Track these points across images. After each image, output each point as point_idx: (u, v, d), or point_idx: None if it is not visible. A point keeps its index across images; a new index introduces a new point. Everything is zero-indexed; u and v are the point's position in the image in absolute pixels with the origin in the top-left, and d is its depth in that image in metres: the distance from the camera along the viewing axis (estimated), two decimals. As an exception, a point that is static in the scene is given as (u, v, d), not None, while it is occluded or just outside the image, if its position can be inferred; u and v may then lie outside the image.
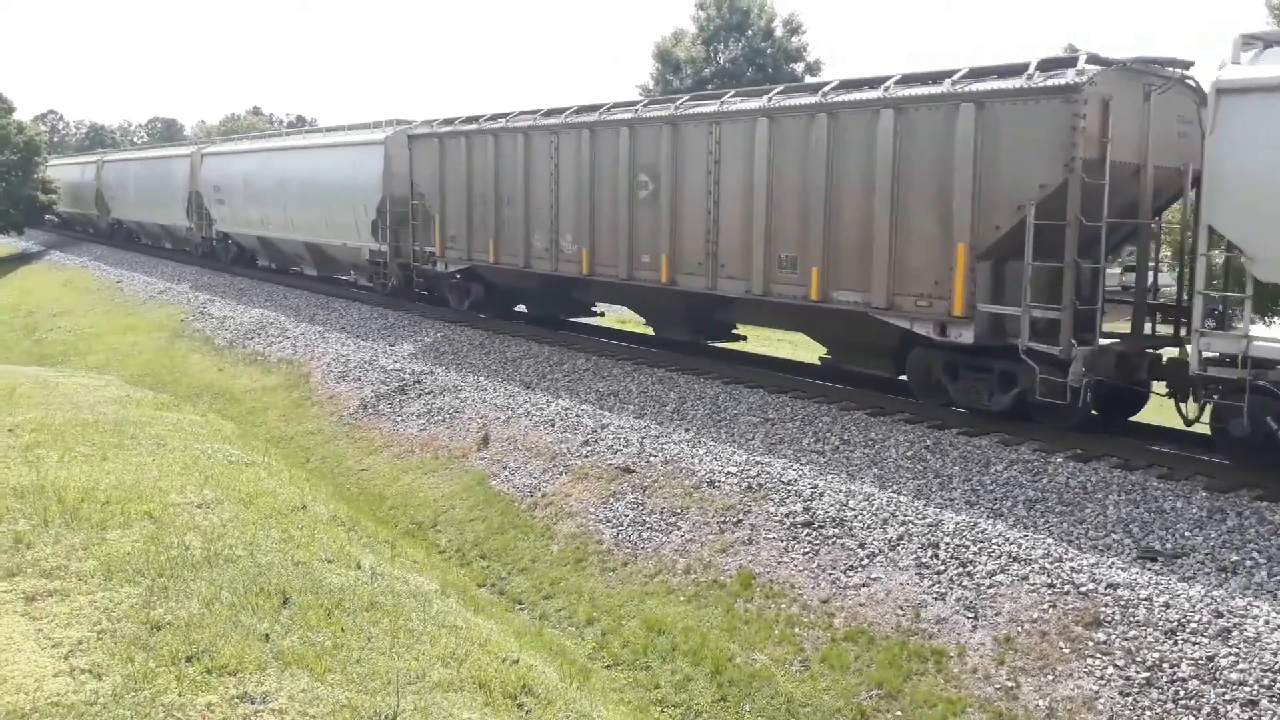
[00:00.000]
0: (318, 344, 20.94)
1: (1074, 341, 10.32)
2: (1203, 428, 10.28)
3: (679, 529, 10.69)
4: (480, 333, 19.83)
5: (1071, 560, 8.31)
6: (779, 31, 44.78)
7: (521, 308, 21.29)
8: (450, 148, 20.03)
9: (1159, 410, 11.62)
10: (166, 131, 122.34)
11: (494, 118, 19.31)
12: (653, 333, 17.96)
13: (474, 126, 19.58)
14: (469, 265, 20.03)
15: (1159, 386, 11.18)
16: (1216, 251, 9.36)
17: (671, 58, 45.02)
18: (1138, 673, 7.01)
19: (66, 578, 5.82)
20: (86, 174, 48.98)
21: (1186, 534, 8.53)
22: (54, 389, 14.85)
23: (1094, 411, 11.30)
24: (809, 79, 40.75)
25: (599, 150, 16.36)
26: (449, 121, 20.88)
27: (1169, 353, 11.21)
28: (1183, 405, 10.45)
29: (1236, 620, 7.16)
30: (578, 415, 14.13)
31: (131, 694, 4.80)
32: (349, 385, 18.21)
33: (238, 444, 12.45)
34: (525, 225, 18.01)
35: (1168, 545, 8.40)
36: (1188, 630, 7.20)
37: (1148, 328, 11.75)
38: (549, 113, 17.98)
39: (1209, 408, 9.77)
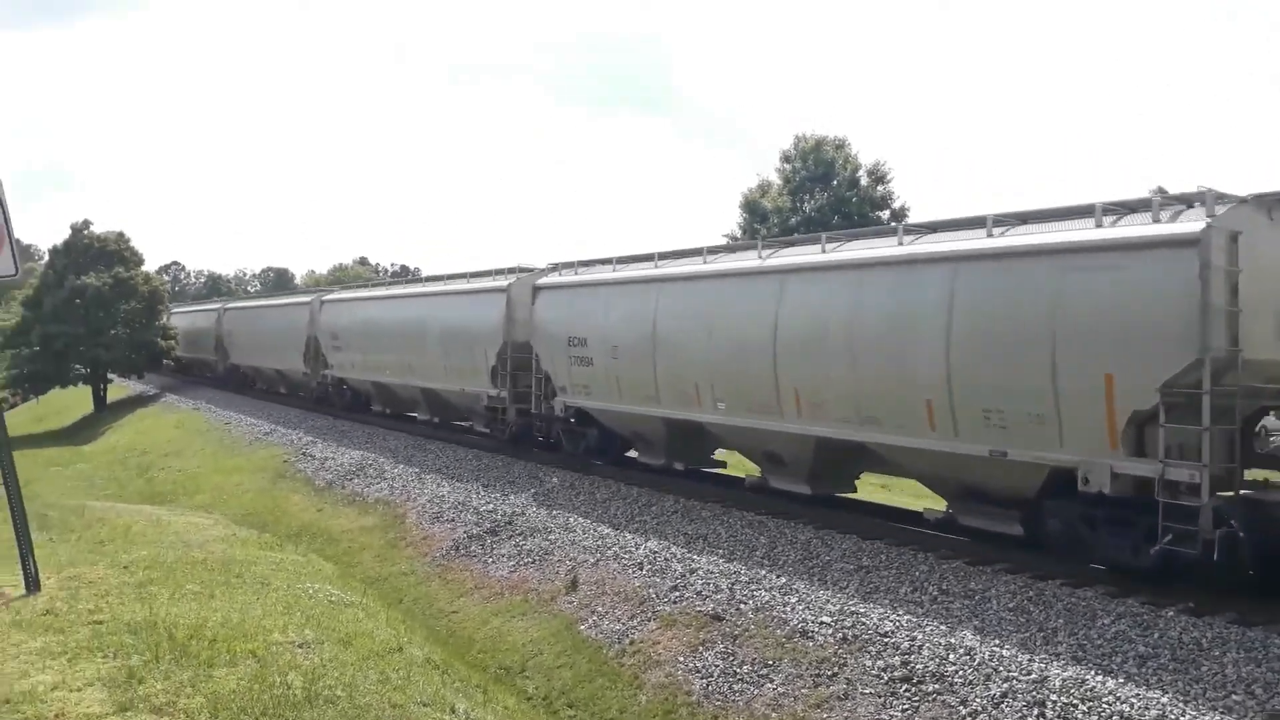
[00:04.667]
0: (414, 485, 21.39)
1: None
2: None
3: (771, 681, 10.44)
4: (571, 474, 20.03)
5: (1190, 723, 7.87)
6: (864, 181, 45.69)
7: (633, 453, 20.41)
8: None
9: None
10: (278, 280, 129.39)
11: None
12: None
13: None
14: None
15: None
16: None
17: (758, 207, 46.16)
18: None
19: (175, 714, 6.00)
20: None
21: (1315, 698, 8.01)
22: (166, 528, 15.46)
23: (1250, 571, 10.53)
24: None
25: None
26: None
27: None
28: None
29: (1377, 795, 6.65)
30: (666, 559, 14.06)
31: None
32: (442, 526, 18.48)
33: (337, 584, 12.71)
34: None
35: (1295, 709, 7.89)
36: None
37: None
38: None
39: None
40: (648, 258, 18.96)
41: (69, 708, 5.97)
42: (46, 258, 58.52)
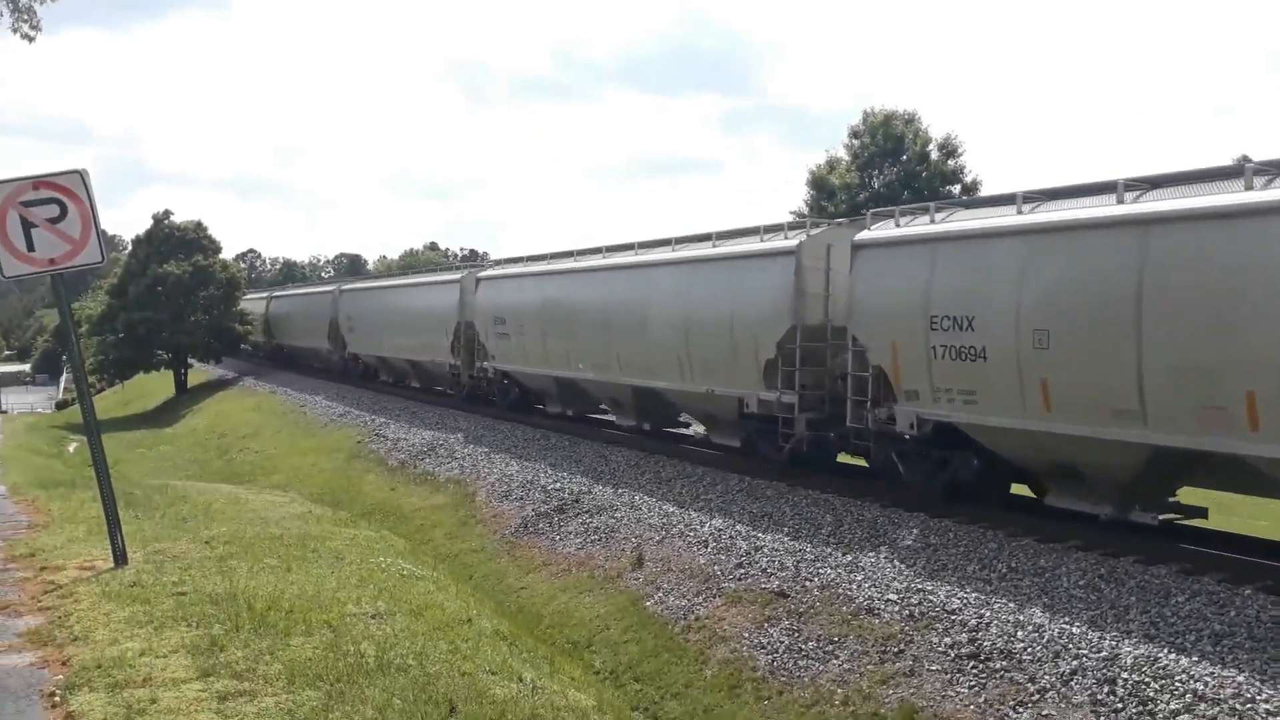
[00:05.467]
0: (483, 464, 21.72)
1: None
2: None
3: (836, 658, 10.45)
4: (636, 453, 20.15)
5: (1267, 702, 7.70)
6: (934, 155, 44.92)
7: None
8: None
9: None
10: (352, 266, 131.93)
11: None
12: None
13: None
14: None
15: None
16: None
17: (826, 184, 45.67)
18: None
19: (255, 680, 6.25)
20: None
21: (1400, 678, 7.76)
22: (244, 505, 15.98)
23: None
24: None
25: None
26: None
27: None
28: None
29: None
30: (731, 536, 14.10)
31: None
32: (511, 504, 18.76)
33: (409, 559, 13.02)
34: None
35: (1379, 690, 7.63)
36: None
37: None
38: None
39: None
40: (1107, 187, 11.83)
41: (155, 672, 6.26)
42: (130, 248, 60.54)
